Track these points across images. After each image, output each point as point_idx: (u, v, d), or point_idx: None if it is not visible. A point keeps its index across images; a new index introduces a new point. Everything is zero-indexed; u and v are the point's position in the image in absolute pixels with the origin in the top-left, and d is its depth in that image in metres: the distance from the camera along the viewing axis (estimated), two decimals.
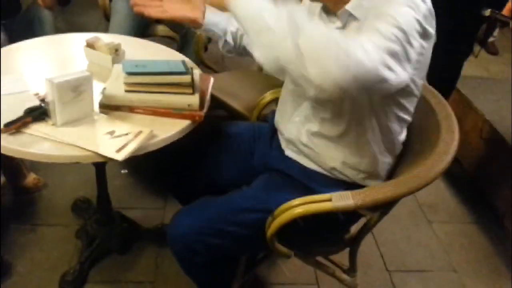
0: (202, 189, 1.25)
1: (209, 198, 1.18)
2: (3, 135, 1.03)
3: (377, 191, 1.01)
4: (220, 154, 1.32)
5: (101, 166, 1.48)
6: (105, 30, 2.45)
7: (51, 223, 1.75)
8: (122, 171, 2.00)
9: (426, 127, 1.21)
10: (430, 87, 1.27)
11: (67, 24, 3.12)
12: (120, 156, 0.99)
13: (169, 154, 1.16)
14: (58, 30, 2.31)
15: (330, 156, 1.14)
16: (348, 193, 1.00)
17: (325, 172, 1.17)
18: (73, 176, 1.92)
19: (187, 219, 1.13)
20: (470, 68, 2.64)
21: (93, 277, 1.57)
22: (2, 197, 1.80)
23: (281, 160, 1.23)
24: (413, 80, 0.99)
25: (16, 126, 1.04)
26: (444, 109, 1.21)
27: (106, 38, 1.44)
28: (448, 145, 1.09)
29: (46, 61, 1.44)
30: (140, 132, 1.07)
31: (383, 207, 1.10)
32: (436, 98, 1.25)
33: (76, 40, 1.49)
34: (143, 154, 1.06)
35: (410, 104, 1.09)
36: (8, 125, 1.03)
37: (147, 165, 1.78)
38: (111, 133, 1.07)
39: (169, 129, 1.12)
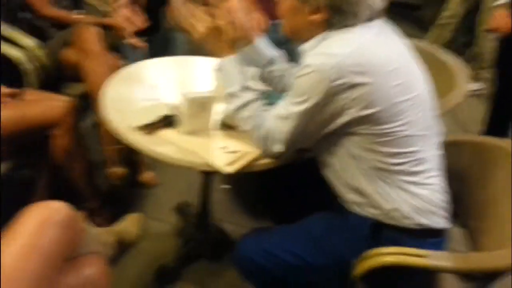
0: (302, 211, 1.30)
1: (282, 226, 1.26)
2: (138, 134, 1.21)
3: (486, 257, 0.98)
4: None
5: (209, 175, 1.63)
6: None
7: (157, 217, 1.95)
8: (225, 186, 2.15)
9: None
10: None
11: (197, 47, 3.43)
12: (230, 169, 1.12)
13: (273, 175, 1.26)
14: (189, 51, 2.60)
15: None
16: (447, 254, 1.00)
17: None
18: (182, 180, 2.10)
19: (254, 243, 1.23)
20: None
21: (185, 275, 1.70)
22: (120, 187, 2.04)
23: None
24: (366, 129, 1.05)
25: (151, 128, 1.22)
26: None
27: None
28: None
29: (179, 77, 1.64)
30: (248, 152, 1.19)
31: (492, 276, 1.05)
32: None
33: (205, 63, 1.66)
34: (248, 172, 1.17)
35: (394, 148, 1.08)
36: (145, 126, 1.22)
37: (249, 184, 1.90)
38: (225, 148, 1.20)
39: None
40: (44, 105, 1.60)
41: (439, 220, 1.14)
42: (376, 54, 1.05)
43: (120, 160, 1.98)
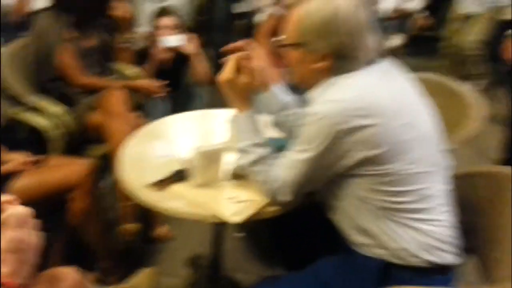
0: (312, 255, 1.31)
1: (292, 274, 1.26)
2: (151, 191, 1.27)
3: None
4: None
5: (221, 226, 1.65)
6: None
7: (170, 272, 1.95)
8: (238, 234, 2.16)
9: None
10: None
11: (217, 99, 3.56)
12: (237, 219, 1.16)
13: (285, 222, 1.29)
14: (210, 104, 2.70)
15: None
16: None
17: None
18: (196, 233, 2.09)
19: None
20: None
21: None
22: (134, 244, 2.05)
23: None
24: (373, 170, 1.08)
25: (163, 185, 1.28)
26: None
27: None
28: None
29: (196, 131, 1.71)
30: (258, 200, 1.22)
31: None
32: None
33: (222, 116, 1.70)
34: (259, 220, 1.20)
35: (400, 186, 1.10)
36: (157, 183, 1.27)
37: (262, 231, 1.91)
38: (234, 198, 1.24)
39: None
40: (64, 170, 1.67)
41: (448, 256, 1.14)
42: (379, 96, 1.10)
43: (134, 216, 2.03)
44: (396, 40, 3.56)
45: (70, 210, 1.67)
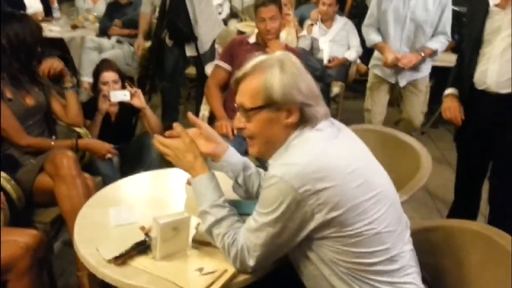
0: None
1: None
2: (110, 266, 1.19)
3: None
4: None
5: None
6: None
7: None
8: None
9: None
10: None
11: None
12: None
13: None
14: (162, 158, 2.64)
15: None
16: None
17: None
18: None
19: None
20: None
21: None
22: None
23: None
24: (336, 232, 1.08)
25: (123, 259, 1.20)
26: None
27: None
28: None
29: (152, 194, 1.66)
30: (226, 270, 1.17)
31: None
32: None
33: (178, 176, 1.69)
34: None
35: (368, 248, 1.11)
36: (116, 258, 1.20)
37: None
38: (200, 270, 1.19)
39: None
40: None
41: None
42: (334, 158, 1.11)
43: (95, 286, 1.90)
44: (336, 88, 3.77)
45: None
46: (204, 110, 2.68)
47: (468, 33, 2.13)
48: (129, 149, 2.58)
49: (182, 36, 3.37)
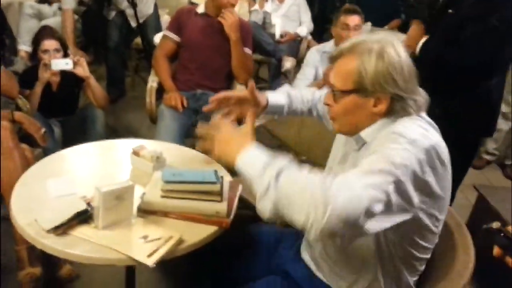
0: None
1: None
2: (50, 236, 1.15)
3: None
4: (248, 255, 1.40)
5: (132, 266, 1.56)
6: (149, 127, 2.69)
7: None
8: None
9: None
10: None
11: (116, 120, 3.42)
12: (150, 262, 1.09)
13: (203, 255, 1.25)
14: (107, 126, 2.56)
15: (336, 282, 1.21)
16: None
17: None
18: (104, 271, 1.99)
19: None
20: None
21: None
22: None
23: (293, 262, 1.29)
24: (428, 215, 1.07)
25: (64, 228, 1.17)
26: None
27: (150, 145, 1.59)
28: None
29: (96, 165, 1.61)
30: (171, 237, 1.17)
31: None
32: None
33: (123, 146, 1.67)
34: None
35: (426, 242, 1.14)
36: (57, 228, 1.16)
37: (180, 266, 1.85)
38: (145, 237, 1.18)
39: (198, 235, 1.22)
40: None
41: None
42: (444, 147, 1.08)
43: (35, 259, 1.84)
44: (288, 63, 3.76)
45: None
46: (152, 82, 2.62)
47: None
48: (72, 121, 2.49)
49: None
